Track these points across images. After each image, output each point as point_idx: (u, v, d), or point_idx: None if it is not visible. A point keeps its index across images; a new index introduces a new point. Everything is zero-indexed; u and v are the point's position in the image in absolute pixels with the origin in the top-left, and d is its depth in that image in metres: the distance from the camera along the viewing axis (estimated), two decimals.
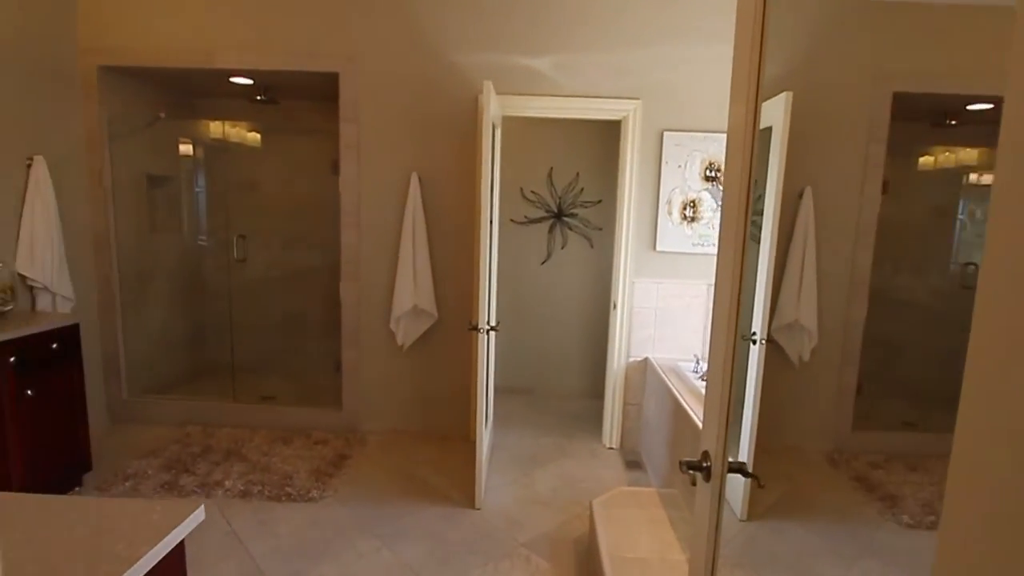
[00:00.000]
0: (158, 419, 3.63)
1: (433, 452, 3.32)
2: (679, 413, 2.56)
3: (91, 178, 3.43)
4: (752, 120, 0.98)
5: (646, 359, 3.37)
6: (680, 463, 1.12)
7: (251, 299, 4.40)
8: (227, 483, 2.83)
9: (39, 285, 3.03)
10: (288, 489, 2.79)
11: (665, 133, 3.21)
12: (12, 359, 2.35)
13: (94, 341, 3.49)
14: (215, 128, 4.37)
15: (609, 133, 4.10)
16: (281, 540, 2.39)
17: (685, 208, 3.25)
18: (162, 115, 3.59)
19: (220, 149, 4.39)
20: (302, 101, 4.20)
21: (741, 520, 2.65)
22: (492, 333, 2.90)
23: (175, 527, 0.96)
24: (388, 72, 3.29)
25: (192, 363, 4.36)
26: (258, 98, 3.91)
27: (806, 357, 3.29)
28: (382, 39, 3.26)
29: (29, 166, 3.01)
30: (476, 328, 2.66)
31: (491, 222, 2.90)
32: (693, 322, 3.33)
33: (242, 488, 2.78)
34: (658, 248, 3.30)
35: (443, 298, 3.44)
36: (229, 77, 3.51)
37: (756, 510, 2.70)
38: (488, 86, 2.57)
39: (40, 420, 2.49)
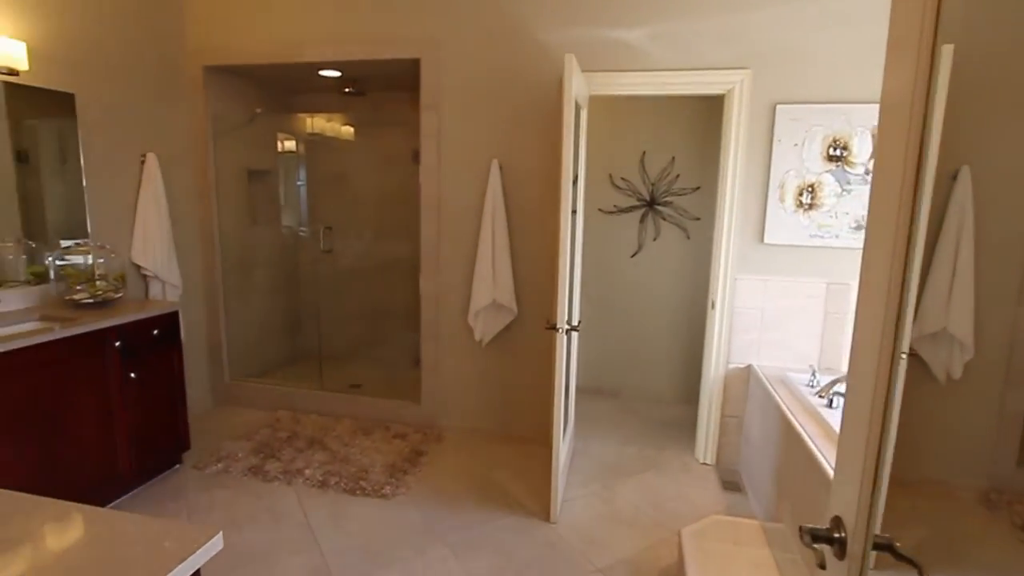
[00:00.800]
0: (254, 402, 3.80)
1: (510, 455, 3.17)
2: (789, 434, 2.20)
3: (197, 173, 3.63)
4: (925, 78, 0.70)
5: (749, 367, 2.98)
6: (800, 531, 0.85)
7: (338, 289, 4.51)
8: (308, 472, 2.87)
9: (151, 274, 3.25)
10: (363, 483, 2.77)
11: (778, 107, 2.79)
12: (117, 343, 2.50)
13: (200, 327, 3.72)
14: (310, 123, 4.50)
15: (710, 111, 3.69)
16: (351, 539, 2.36)
17: (801, 194, 2.81)
18: (258, 111, 3.72)
19: (315, 143, 4.52)
20: (387, 92, 4.21)
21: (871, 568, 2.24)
22: (573, 333, 2.68)
23: (187, 557, 0.86)
24: (469, 54, 3.14)
25: (286, 350, 4.56)
26: (346, 91, 3.95)
27: (956, 374, 2.72)
28: (463, 20, 3.12)
29: (143, 162, 3.22)
30: (554, 327, 2.46)
31: (573, 212, 2.68)
32: (808, 327, 2.89)
33: (321, 478, 2.81)
34: (767, 240, 2.89)
35: (524, 293, 3.26)
36: (318, 70, 3.56)
37: (885, 560, 2.27)
38: (570, 60, 2.33)
39: (142, 401, 2.65)
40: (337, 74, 3.64)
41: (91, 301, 2.64)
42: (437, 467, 3.00)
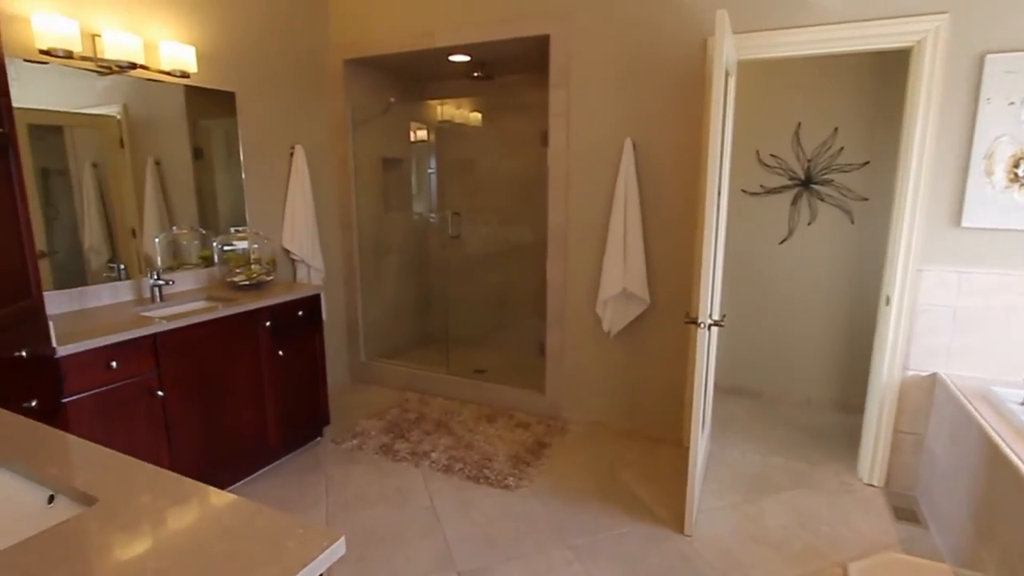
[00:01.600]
0: (385, 381, 3.98)
1: (638, 453, 2.98)
2: (999, 464, 1.77)
3: (338, 163, 3.84)
4: None
5: (934, 375, 2.49)
6: None
7: (465, 274, 4.56)
8: (434, 455, 2.92)
9: (298, 258, 3.50)
10: (486, 471, 2.75)
11: (988, 57, 2.25)
12: (268, 323, 2.69)
13: (339, 308, 3.96)
14: (440, 110, 4.57)
15: (886, 70, 3.13)
16: (474, 527, 2.34)
17: (1017, 165, 2.26)
18: (392, 100, 3.83)
19: (444, 131, 4.58)
20: (514, 75, 4.12)
21: None
22: (715, 329, 2.41)
23: (308, 563, 0.82)
24: (600, 25, 2.94)
25: (416, 332, 4.73)
26: (475, 75, 3.93)
27: None
28: None
29: (291, 154, 3.45)
30: (695, 321, 2.22)
31: (719, 193, 2.39)
32: (1020, 331, 2.34)
33: (446, 463, 2.84)
34: (965, 223, 2.37)
35: (657, 282, 3.03)
36: (448, 56, 3.56)
37: None
38: (722, 18, 2.04)
39: (288, 377, 2.85)
40: (466, 59, 3.62)
41: (247, 283, 2.88)
42: (560, 461, 2.90)
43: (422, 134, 4.70)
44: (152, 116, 2.67)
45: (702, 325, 2.19)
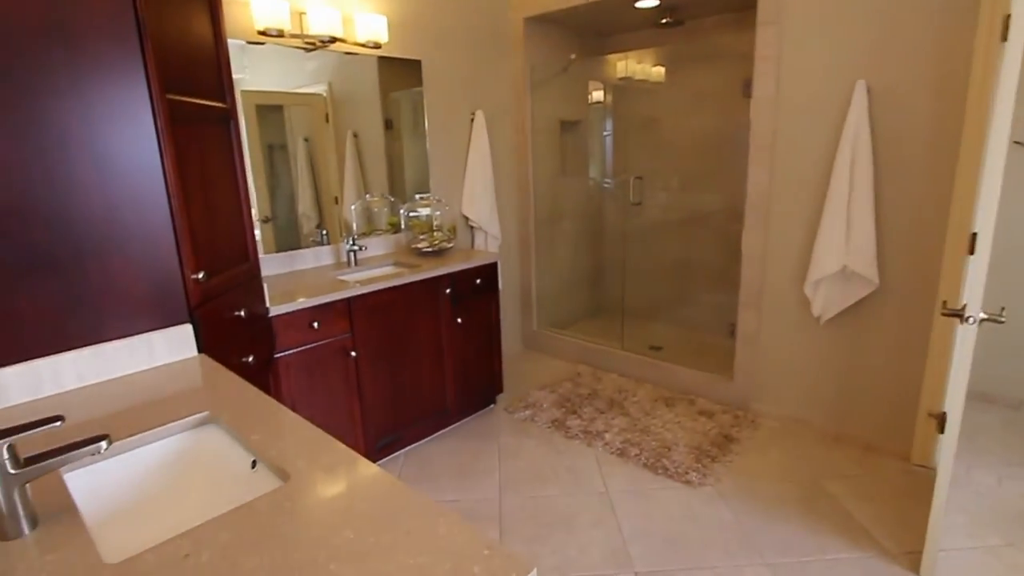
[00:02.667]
0: (557, 352, 3.91)
1: (850, 463, 2.50)
2: None
3: (516, 127, 3.76)
4: None
5: None
6: None
7: (644, 243, 4.24)
8: (607, 436, 2.76)
9: (476, 225, 3.52)
10: (665, 461, 2.51)
11: None
12: (448, 290, 2.73)
13: (513, 275, 3.95)
14: (621, 67, 4.23)
15: None
16: (652, 523, 2.14)
17: None
18: (573, 57, 3.61)
19: (624, 88, 4.24)
20: (709, 18, 3.61)
21: None
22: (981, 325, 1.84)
23: None
24: None
25: (590, 302, 4.56)
26: (663, 22, 3.51)
27: None
28: None
29: (472, 120, 3.45)
30: (958, 314, 1.70)
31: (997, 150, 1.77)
32: None
33: (620, 446, 2.66)
34: None
35: (890, 260, 2.44)
36: (635, 2, 3.21)
37: None
38: None
39: (465, 344, 2.88)
40: (655, 2, 3.23)
41: (429, 250, 2.95)
42: (751, 460, 2.55)
43: (599, 95, 4.41)
44: (351, 91, 2.82)
45: (969, 320, 1.67)
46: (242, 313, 1.80)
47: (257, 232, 2.56)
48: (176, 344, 1.53)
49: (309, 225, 2.77)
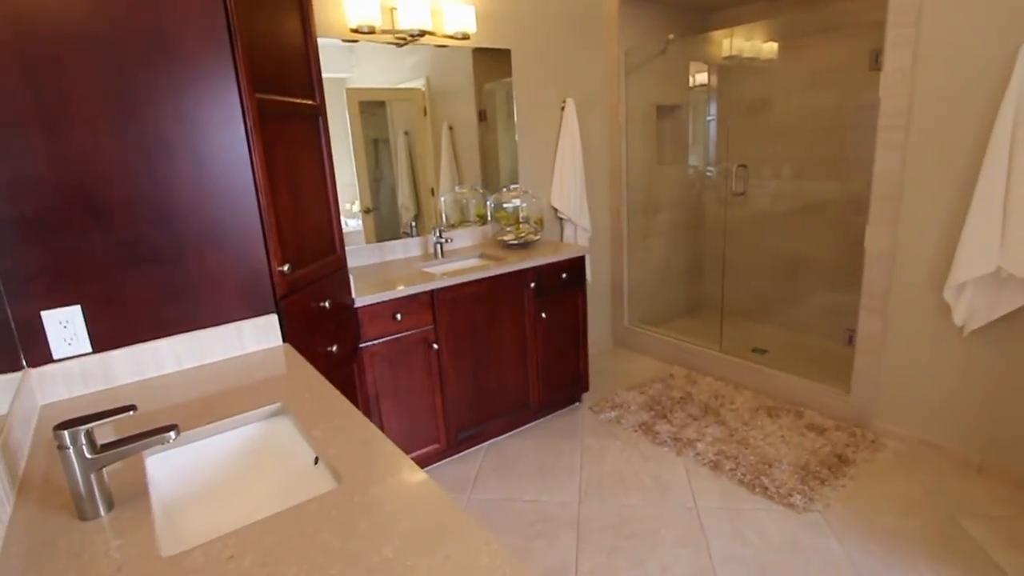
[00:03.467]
0: (648, 350, 3.72)
1: (997, 501, 2.12)
2: None
3: (608, 114, 3.59)
4: None
5: None
6: None
7: (749, 236, 3.90)
8: (700, 446, 2.56)
9: (565, 217, 3.42)
10: (764, 480, 2.28)
11: None
12: (532, 284, 2.66)
13: (604, 268, 3.80)
14: (727, 44, 3.89)
15: None
16: (747, 548, 1.94)
17: None
18: (671, 37, 3.37)
19: (730, 69, 3.91)
20: None
21: None
22: None
23: None
24: None
25: (685, 299, 4.30)
26: None
27: None
28: None
29: (563, 109, 3.34)
30: None
31: None
32: None
33: (713, 458, 2.46)
34: None
35: None
36: None
37: None
38: None
39: (550, 340, 2.80)
40: None
41: (515, 242, 2.90)
42: (869, 486, 2.24)
43: (701, 77, 4.10)
44: (447, 84, 2.86)
45: None
46: (327, 304, 1.85)
47: (358, 222, 2.68)
48: (263, 333, 1.59)
49: (408, 216, 2.85)
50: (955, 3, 2.13)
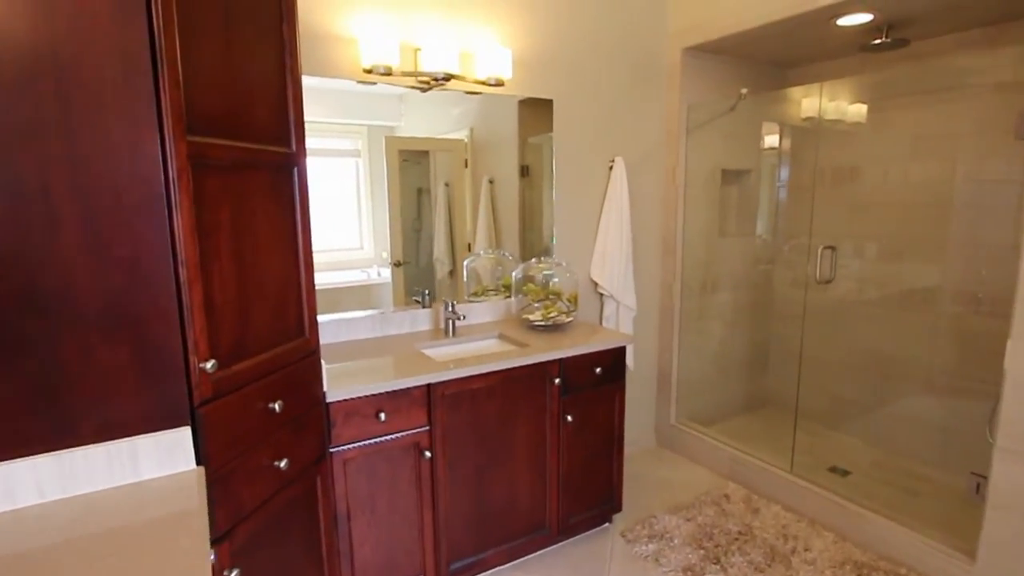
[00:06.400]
0: (700, 456, 3.10)
1: None
2: None
3: (664, 177, 3.14)
4: None
5: None
6: None
7: (826, 325, 3.27)
8: None
9: (606, 293, 2.94)
10: None
11: None
12: (557, 380, 2.17)
13: (650, 353, 3.26)
14: (806, 105, 3.41)
15: None
16: None
17: None
18: (744, 91, 2.91)
19: (807, 131, 3.40)
20: (946, 36, 2.71)
21: None
22: None
23: None
24: None
25: (745, 394, 3.66)
26: (875, 43, 2.69)
27: None
28: None
29: (610, 168, 2.91)
30: None
31: None
32: None
33: None
34: None
35: None
36: (836, 18, 2.46)
37: None
38: None
39: (576, 448, 2.28)
40: (867, 18, 2.45)
41: (542, 324, 2.42)
42: None
43: (772, 139, 3.61)
44: (490, 136, 2.62)
45: None
46: (277, 406, 1.42)
47: (388, 273, 2.37)
48: (169, 453, 1.17)
49: (443, 271, 2.58)
50: None
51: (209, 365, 1.19)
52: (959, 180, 2.78)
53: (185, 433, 1.18)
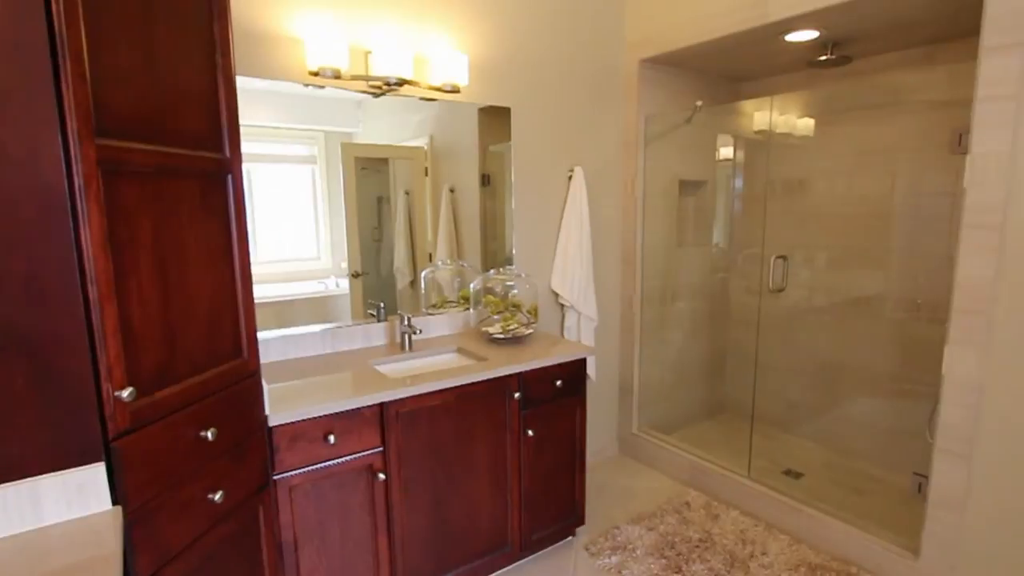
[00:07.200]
0: (661, 464, 3.09)
1: None
2: None
3: (623, 187, 3.14)
4: None
5: None
6: None
7: (779, 332, 3.34)
8: None
9: (567, 303, 2.90)
10: None
11: None
12: (517, 394, 2.11)
13: (611, 363, 3.24)
14: (758, 118, 3.48)
15: None
16: None
17: None
18: (699, 104, 2.95)
19: (759, 144, 3.47)
20: (887, 54, 2.81)
21: None
22: None
23: None
24: None
25: (704, 400, 3.69)
26: (821, 59, 2.76)
27: None
28: None
29: (570, 178, 2.89)
30: None
31: None
32: None
33: None
34: None
35: None
36: (784, 34, 2.51)
37: None
38: None
39: (537, 463, 2.22)
40: (813, 35, 2.51)
41: (502, 336, 2.36)
42: None
43: (727, 151, 3.67)
44: (451, 144, 2.55)
45: None
46: (210, 434, 1.31)
47: (346, 284, 2.27)
48: (79, 493, 1.04)
49: (403, 281, 2.49)
50: None
51: (126, 393, 1.08)
52: (899, 192, 2.88)
53: (98, 470, 1.06)
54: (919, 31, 2.48)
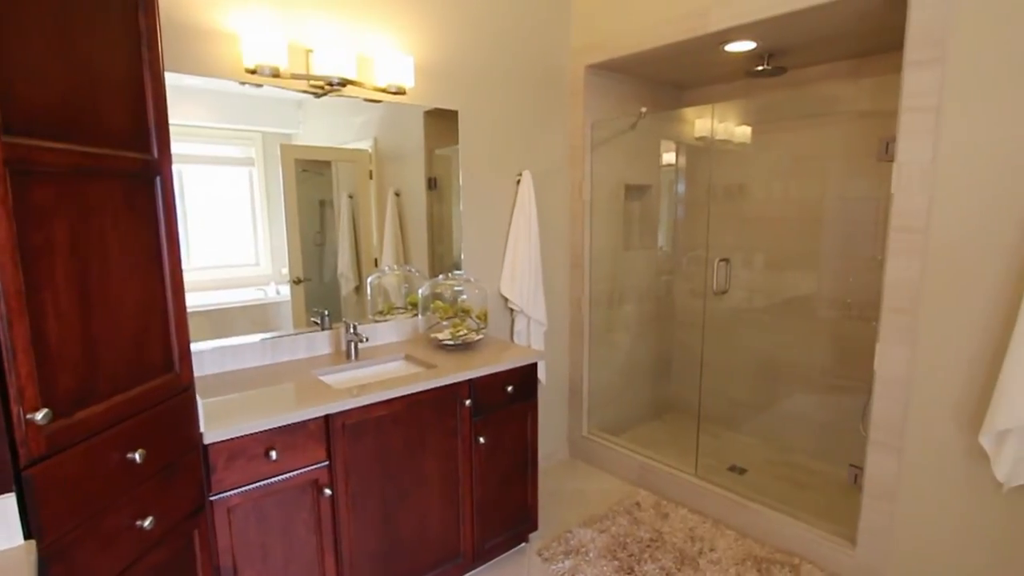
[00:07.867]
0: (611, 466, 3.12)
1: None
2: None
3: (570, 192, 3.17)
4: None
5: None
6: None
7: (721, 332, 3.46)
8: None
9: (517, 308, 2.89)
10: None
11: None
12: (468, 402, 2.08)
13: (561, 366, 3.25)
14: (698, 125, 3.60)
15: None
16: None
17: None
18: (644, 110, 3.01)
19: (703, 150, 3.59)
20: (818, 66, 2.96)
21: None
22: None
23: None
24: None
25: (651, 401, 3.77)
26: (758, 69, 2.88)
27: None
28: None
29: (518, 182, 2.88)
30: None
31: None
32: None
33: None
34: None
35: None
36: (724, 44, 2.60)
37: None
38: None
39: (489, 470, 2.19)
40: (750, 46, 2.61)
41: (451, 343, 2.33)
42: None
43: (669, 157, 3.78)
44: (396, 147, 2.49)
45: None
46: (138, 456, 1.21)
47: (287, 291, 2.16)
48: None
49: (348, 287, 2.40)
50: (986, 84, 1.79)
51: (40, 416, 0.98)
52: (830, 197, 3.04)
53: (8, 502, 0.96)
54: (846, 45, 2.62)
